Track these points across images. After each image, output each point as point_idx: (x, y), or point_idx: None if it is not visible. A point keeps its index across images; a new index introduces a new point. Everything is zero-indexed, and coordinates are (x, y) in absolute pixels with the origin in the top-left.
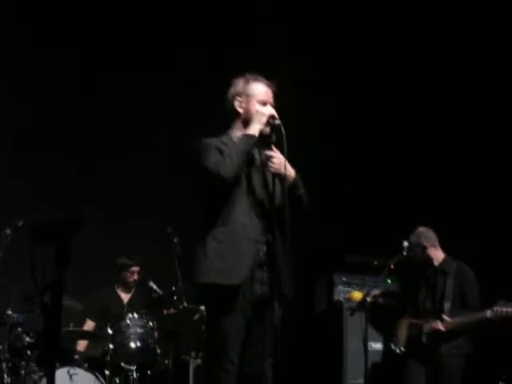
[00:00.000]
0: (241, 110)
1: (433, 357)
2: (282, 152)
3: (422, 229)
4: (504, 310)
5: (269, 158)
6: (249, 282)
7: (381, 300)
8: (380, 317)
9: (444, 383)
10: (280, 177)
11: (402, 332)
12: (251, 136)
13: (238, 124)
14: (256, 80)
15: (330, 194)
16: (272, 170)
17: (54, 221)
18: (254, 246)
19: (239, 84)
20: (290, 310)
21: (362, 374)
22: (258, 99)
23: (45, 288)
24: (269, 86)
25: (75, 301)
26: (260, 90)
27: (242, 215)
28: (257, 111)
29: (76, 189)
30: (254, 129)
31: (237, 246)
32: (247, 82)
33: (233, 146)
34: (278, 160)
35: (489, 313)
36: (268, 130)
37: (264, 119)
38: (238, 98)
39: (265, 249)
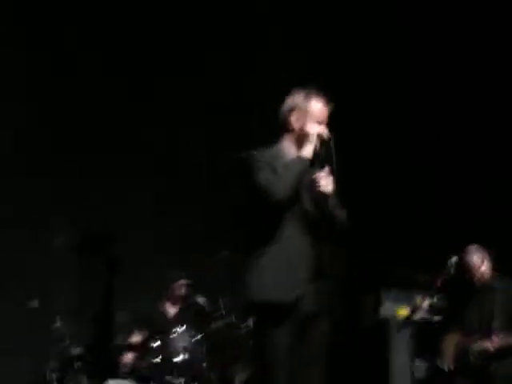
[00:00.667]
0: (296, 126)
1: (481, 376)
2: (331, 168)
3: (473, 246)
4: None
5: (318, 178)
6: (301, 299)
7: (427, 313)
8: (427, 333)
9: None
10: (325, 196)
11: (450, 349)
12: (307, 159)
13: (290, 139)
14: (316, 97)
15: (378, 208)
16: (320, 189)
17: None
18: (306, 263)
19: (299, 98)
20: (338, 326)
21: None
22: (315, 118)
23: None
24: (327, 104)
25: (123, 313)
26: (319, 108)
27: (293, 233)
28: (313, 132)
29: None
30: (308, 150)
31: (290, 263)
32: (308, 98)
33: (288, 168)
34: (327, 181)
35: None
36: (321, 148)
37: (317, 139)
38: (295, 114)
39: (315, 264)
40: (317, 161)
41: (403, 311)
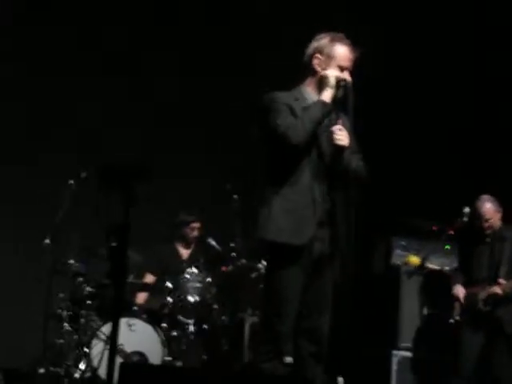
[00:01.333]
0: (318, 69)
1: (490, 322)
2: (347, 112)
3: (485, 196)
4: None
5: (335, 131)
6: (310, 243)
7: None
8: (437, 282)
9: (502, 348)
10: (341, 149)
11: (459, 300)
12: (326, 104)
13: (312, 82)
14: (342, 42)
15: (392, 159)
16: (335, 143)
17: (121, 165)
18: (319, 208)
19: (323, 41)
20: (348, 269)
21: (416, 338)
22: (338, 63)
23: (112, 229)
24: (352, 50)
25: (136, 253)
26: (343, 53)
27: (309, 177)
28: (332, 77)
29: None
30: (329, 95)
31: (303, 206)
32: (333, 41)
33: (307, 112)
34: (343, 135)
35: None
36: (339, 93)
37: (337, 85)
38: (319, 56)
39: (327, 208)
40: (336, 107)
41: (414, 259)
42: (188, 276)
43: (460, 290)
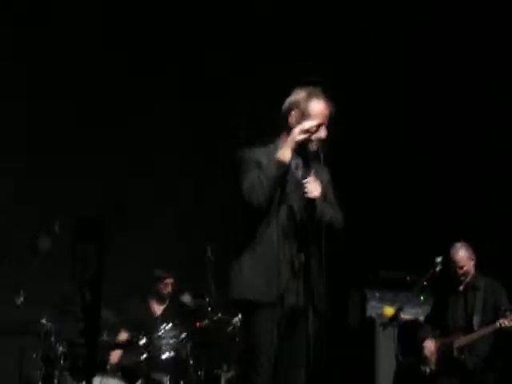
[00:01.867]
0: (292, 125)
1: (465, 371)
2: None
3: (459, 243)
4: None
5: (305, 184)
6: (282, 297)
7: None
8: (412, 332)
9: None
10: (313, 201)
11: (432, 353)
12: (281, 162)
13: (286, 137)
14: (318, 97)
15: (362, 210)
16: (307, 195)
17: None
18: (289, 263)
19: (300, 96)
20: (323, 322)
21: None
22: (313, 120)
23: (86, 281)
24: (328, 107)
25: (109, 311)
26: (318, 110)
27: (277, 233)
28: (297, 137)
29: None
30: (288, 153)
31: (272, 263)
32: (309, 97)
33: (264, 171)
34: (313, 186)
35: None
36: (312, 146)
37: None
38: (294, 112)
39: (300, 262)
40: (309, 159)
41: (389, 310)
42: (162, 332)
43: (429, 345)
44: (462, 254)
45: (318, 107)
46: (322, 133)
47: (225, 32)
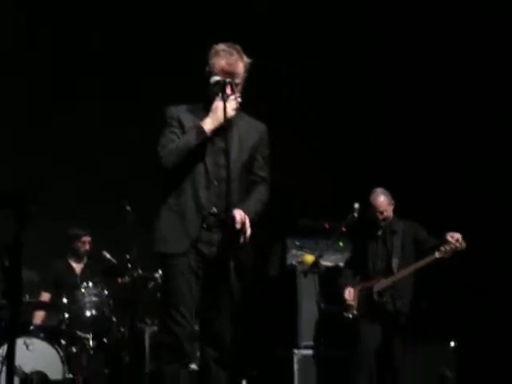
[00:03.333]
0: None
1: (386, 314)
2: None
3: (380, 189)
4: (453, 246)
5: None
6: (195, 247)
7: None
8: (333, 279)
9: (399, 340)
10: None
11: (353, 298)
12: (204, 134)
13: (213, 100)
14: (218, 55)
15: (282, 160)
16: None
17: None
18: (202, 214)
19: (208, 57)
20: (244, 272)
21: (315, 335)
22: (215, 73)
23: (3, 248)
24: (228, 53)
25: (30, 271)
26: (216, 64)
27: (193, 186)
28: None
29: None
30: (208, 123)
31: (184, 215)
32: (212, 55)
33: (185, 136)
34: (241, 219)
35: (437, 253)
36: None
37: (219, 108)
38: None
39: (214, 212)
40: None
41: (309, 257)
42: (83, 291)
43: (349, 291)
44: (383, 200)
45: (215, 61)
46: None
47: None
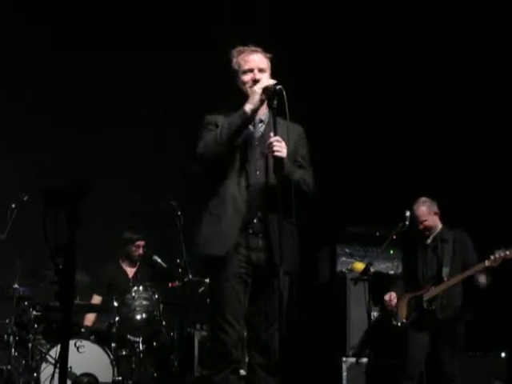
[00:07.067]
0: (241, 87)
1: (435, 323)
2: (285, 117)
3: (424, 198)
4: (502, 254)
5: (272, 143)
6: (238, 251)
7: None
8: (383, 286)
9: (447, 349)
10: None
11: (403, 306)
12: (248, 114)
13: (244, 101)
14: (239, 52)
15: (331, 166)
16: (274, 154)
17: (64, 184)
18: (245, 217)
19: (232, 61)
20: (294, 280)
21: (365, 343)
22: (242, 70)
23: (58, 249)
24: (252, 51)
25: (83, 274)
26: (242, 61)
27: (234, 189)
28: (247, 84)
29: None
30: (248, 104)
31: (225, 217)
32: (232, 57)
33: (228, 123)
34: (281, 146)
35: (487, 262)
36: (273, 102)
37: (255, 90)
38: (236, 76)
39: (259, 217)
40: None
41: (359, 265)
42: (134, 294)
43: (389, 295)
44: (423, 209)
45: (241, 58)
46: (265, 79)
47: None
